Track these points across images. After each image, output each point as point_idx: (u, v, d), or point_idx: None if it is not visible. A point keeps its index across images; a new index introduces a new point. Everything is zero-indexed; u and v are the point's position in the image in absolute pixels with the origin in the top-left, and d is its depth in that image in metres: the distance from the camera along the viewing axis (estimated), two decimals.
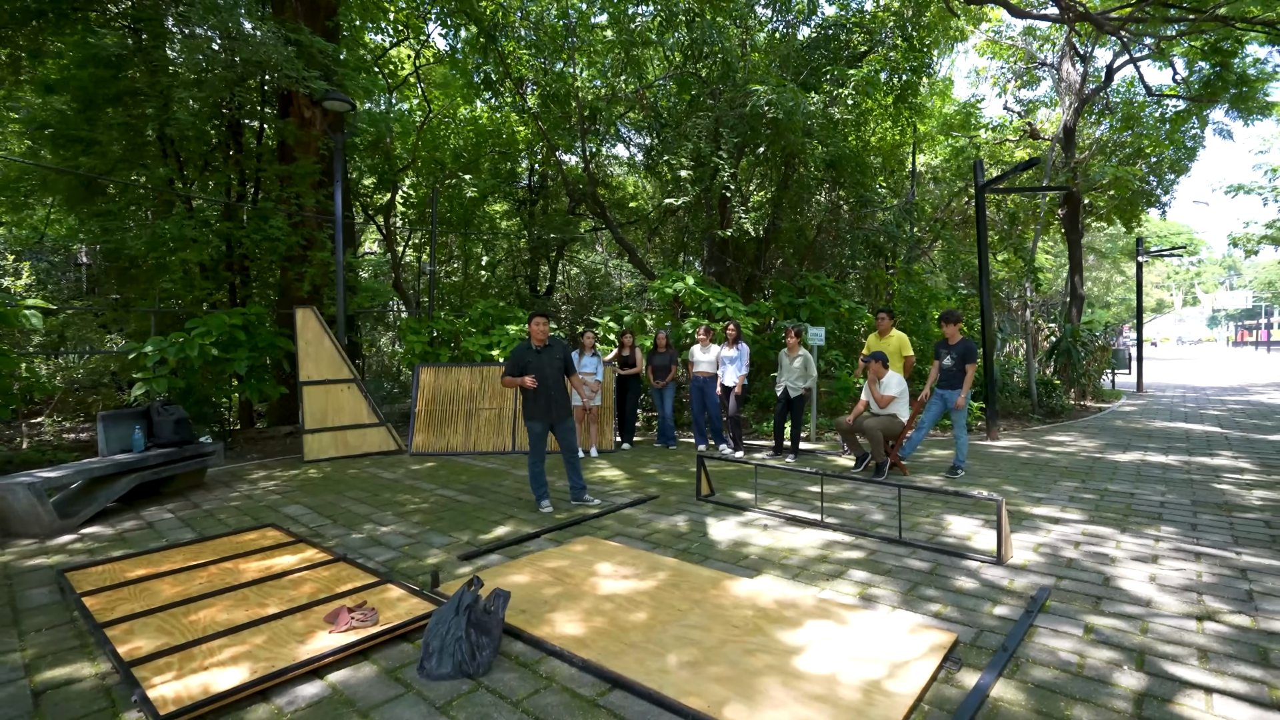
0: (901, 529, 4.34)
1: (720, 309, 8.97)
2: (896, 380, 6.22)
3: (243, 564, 3.92)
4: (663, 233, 15.44)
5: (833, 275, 12.41)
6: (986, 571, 3.69)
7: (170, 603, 3.32)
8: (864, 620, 2.96)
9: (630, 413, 8.45)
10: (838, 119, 10.33)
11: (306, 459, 7.72)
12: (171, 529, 5.00)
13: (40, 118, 8.92)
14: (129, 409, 6.50)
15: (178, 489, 6.34)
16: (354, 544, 4.50)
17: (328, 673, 2.69)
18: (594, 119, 12.13)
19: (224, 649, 2.79)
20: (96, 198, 9.03)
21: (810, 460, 7.17)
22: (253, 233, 8.99)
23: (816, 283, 10.33)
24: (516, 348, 5.31)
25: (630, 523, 4.87)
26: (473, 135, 14.06)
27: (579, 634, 2.88)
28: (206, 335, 8.19)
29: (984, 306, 8.37)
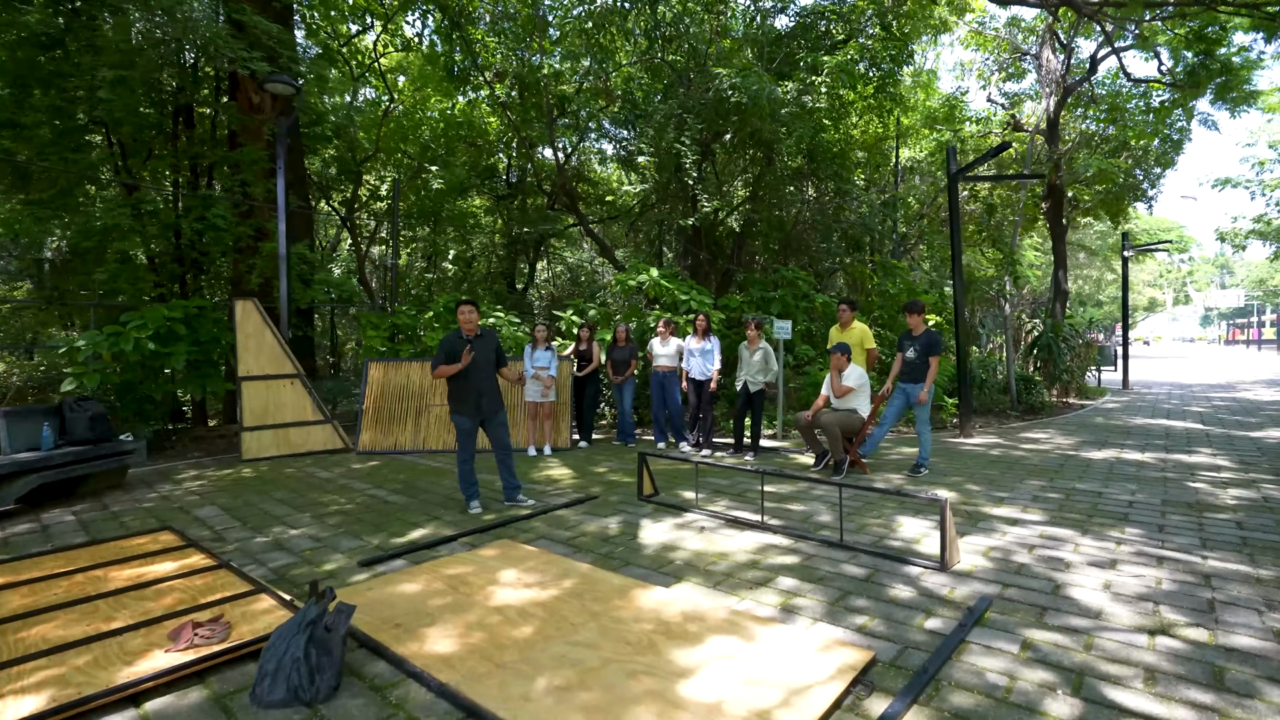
0: (843, 532, 4.01)
1: (685, 301, 8.63)
2: (857, 373, 5.89)
3: (114, 571, 3.55)
4: (640, 227, 15.10)
5: (811, 270, 12.10)
6: (928, 579, 3.35)
7: (7, 616, 2.95)
8: (774, 636, 2.62)
9: (588, 409, 8.10)
10: (812, 107, 9.99)
11: (245, 458, 7.35)
12: (65, 533, 4.63)
13: None
14: (37, 405, 6.12)
15: (93, 489, 5.96)
16: (254, 548, 4.14)
17: (147, 699, 2.33)
18: (563, 109, 11.79)
19: (35, 672, 2.43)
20: (30, 186, 8.63)
21: (770, 459, 6.84)
22: (194, 221, 8.59)
23: (789, 276, 10.00)
24: (446, 336, 4.96)
25: (560, 525, 4.52)
26: (442, 127, 13.69)
27: (449, 651, 2.54)
28: (143, 329, 7.80)
29: (957, 299, 8.05)
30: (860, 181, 12.92)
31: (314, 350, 11.42)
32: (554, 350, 7.53)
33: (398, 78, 14.66)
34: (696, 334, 7.25)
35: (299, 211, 10.24)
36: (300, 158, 10.72)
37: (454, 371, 4.80)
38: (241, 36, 8.25)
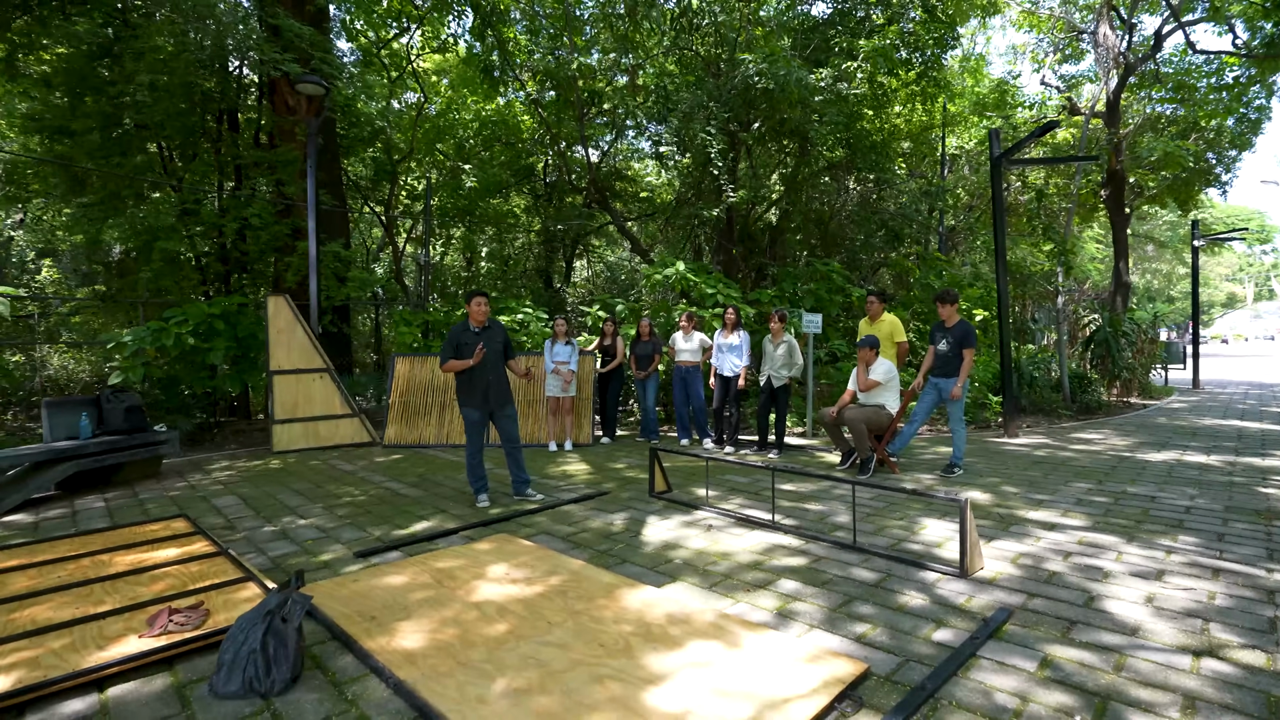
0: (857, 533, 3.74)
1: (711, 295, 8.40)
2: (885, 367, 5.56)
3: (119, 556, 3.61)
4: (674, 222, 14.90)
5: (849, 263, 11.67)
6: (944, 586, 3.07)
7: (5, 597, 3.01)
8: (760, 643, 2.42)
9: (612, 405, 7.97)
10: (847, 94, 9.59)
11: (275, 449, 7.52)
12: (92, 518, 4.78)
13: (37, 111, 9.03)
14: (77, 396, 6.39)
15: (128, 478, 6.17)
16: (260, 537, 4.17)
17: (111, 684, 2.31)
18: (594, 104, 11.70)
19: (11, 654, 2.44)
20: (85, 190, 9.08)
21: (795, 457, 6.56)
22: (231, 221, 8.87)
23: (823, 269, 9.64)
24: (453, 328, 4.91)
25: (564, 520, 4.40)
26: (476, 126, 13.82)
27: (416, 647, 2.43)
28: (184, 325, 8.10)
29: (1000, 291, 7.56)
30: (901, 171, 12.37)
31: (350, 346, 11.69)
32: (575, 345, 7.43)
33: (437, 78, 14.89)
34: (725, 328, 7.02)
35: (334, 211, 10.48)
36: (336, 158, 10.97)
37: (464, 367, 4.74)
38: (276, 41, 8.49)
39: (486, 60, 12.04)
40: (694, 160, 9.12)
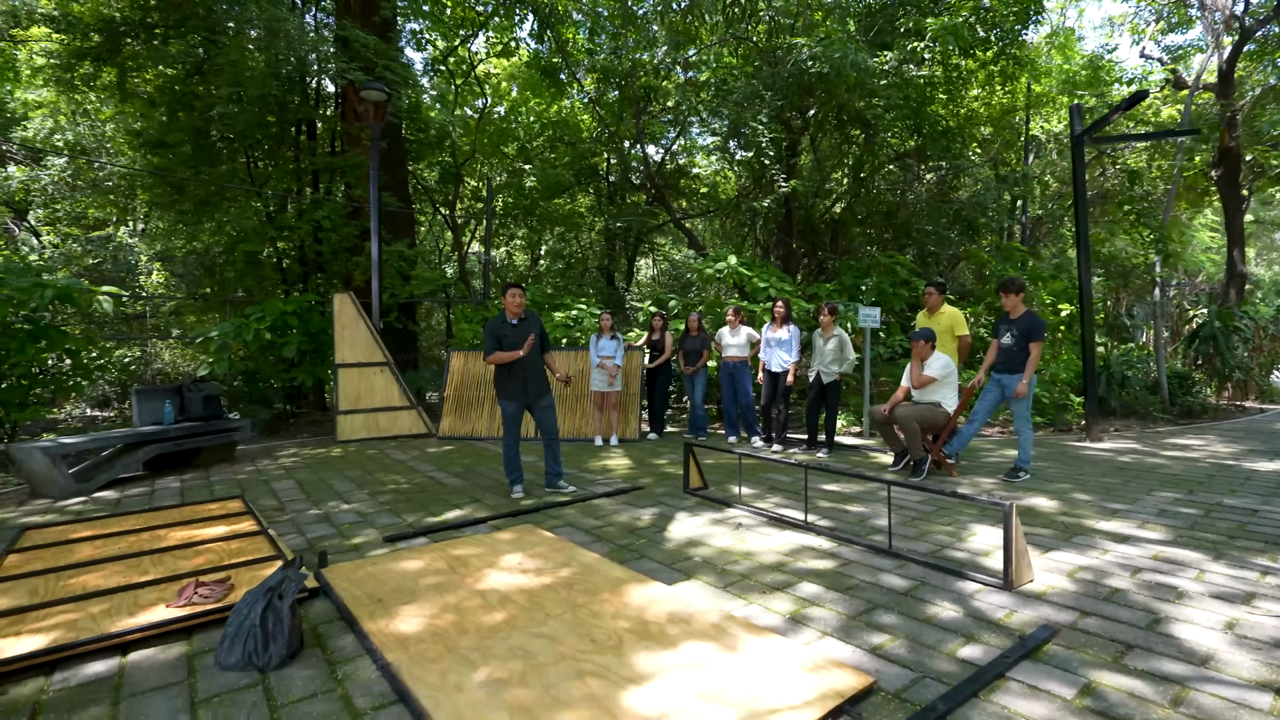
0: (893, 537, 3.48)
1: (763, 289, 8.14)
2: (941, 362, 5.18)
3: (174, 532, 3.86)
4: (735, 217, 14.62)
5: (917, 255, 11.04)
6: (984, 597, 2.79)
7: (68, 564, 3.27)
8: (762, 648, 2.26)
9: (660, 401, 7.87)
10: (914, 78, 9.06)
11: (339, 439, 7.91)
12: (165, 496, 5.16)
13: (143, 127, 9.91)
14: (163, 386, 6.92)
15: (206, 461, 6.65)
16: (304, 519, 4.36)
17: (135, 649, 2.44)
18: (651, 99, 11.65)
19: (55, 616, 2.64)
20: (182, 198, 9.88)
21: (846, 456, 6.23)
22: (304, 224, 9.39)
23: (888, 261, 9.15)
24: (490, 322, 4.96)
25: (593, 513, 4.35)
26: (538, 127, 14.07)
27: (412, 631, 2.44)
28: (262, 321, 8.67)
29: (1083, 282, 6.90)
30: (976, 157, 11.58)
31: (417, 342, 12.16)
32: (620, 339, 7.38)
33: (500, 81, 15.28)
34: (774, 322, 6.78)
35: (399, 212, 10.93)
36: (403, 162, 11.43)
37: (513, 358, 4.78)
38: (345, 51, 8.93)
39: (548, 62, 12.25)
40: (747, 149, 8.86)
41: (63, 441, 5.42)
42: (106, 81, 9.49)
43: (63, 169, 13.40)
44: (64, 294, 6.88)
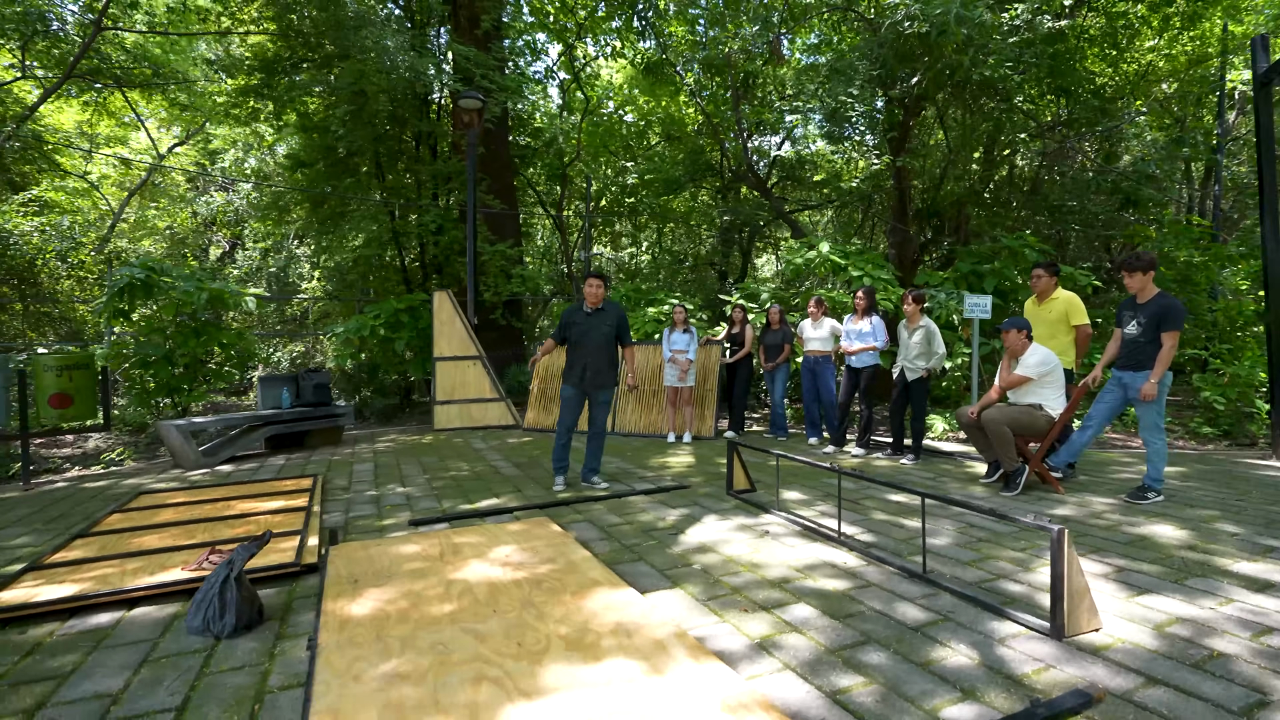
0: (927, 560, 2.93)
1: (858, 278, 7.43)
2: (1040, 357, 4.34)
3: (240, 504, 4.28)
4: (848, 204, 13.60)
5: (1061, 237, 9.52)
6: (1019, 644, 2.23)
7: (145, 524, 3.73)
8: (694, 675, 1.96)
9: (739, 397, 7.48)
10: (1051, 30, 7.76)
11: (435, 427, 8.43)
12: (266, 472, 5.78)
13: (288, 150, 11.32)
14: (283, 374, 7.78)
15: (315, 443, 7.38)
16: (359, 499, 4.64)
17: (140, 606, 2.69)
18: (749, 85, 11.16)
19: (96, 569, 2.99)
20: (319, 211, 11.13)
21: (935, 465, 5.46)
22: (416, 228, 10.14)
23: (1013, 243, 7.95)
24: (566, 310, 4.97)
25: (620, 510, 4.18)
26: (641, 125, 14.09)
27: (361, 614, 2.43)
28: (378, 318, 9.52)
29: (1268, 260, 5.47)
30: (1144, 119, 9.72)
31: (521, 338, 12.70)
32: (694, 333, 7.10)
33: (608, 81, 15.52)
34: (856, 313, 6.15)
35: (504, 214, 11.45)
36: (509, 166, 11.97)
37: (541, 354, 4.81)
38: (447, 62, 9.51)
39: (649, 59, 12.22)
40: (839, 127, 8.13)
41: (194, 421, 6.28)
42: (265, 114, 10.93)
43: (248, 193, 15.75)
44: (217, 296, 8.00)
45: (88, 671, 2.13)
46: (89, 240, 12.19)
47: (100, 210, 14.88)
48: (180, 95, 13.04)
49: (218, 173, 16.97)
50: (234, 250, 18.87)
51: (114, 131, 16.39)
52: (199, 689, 2.01)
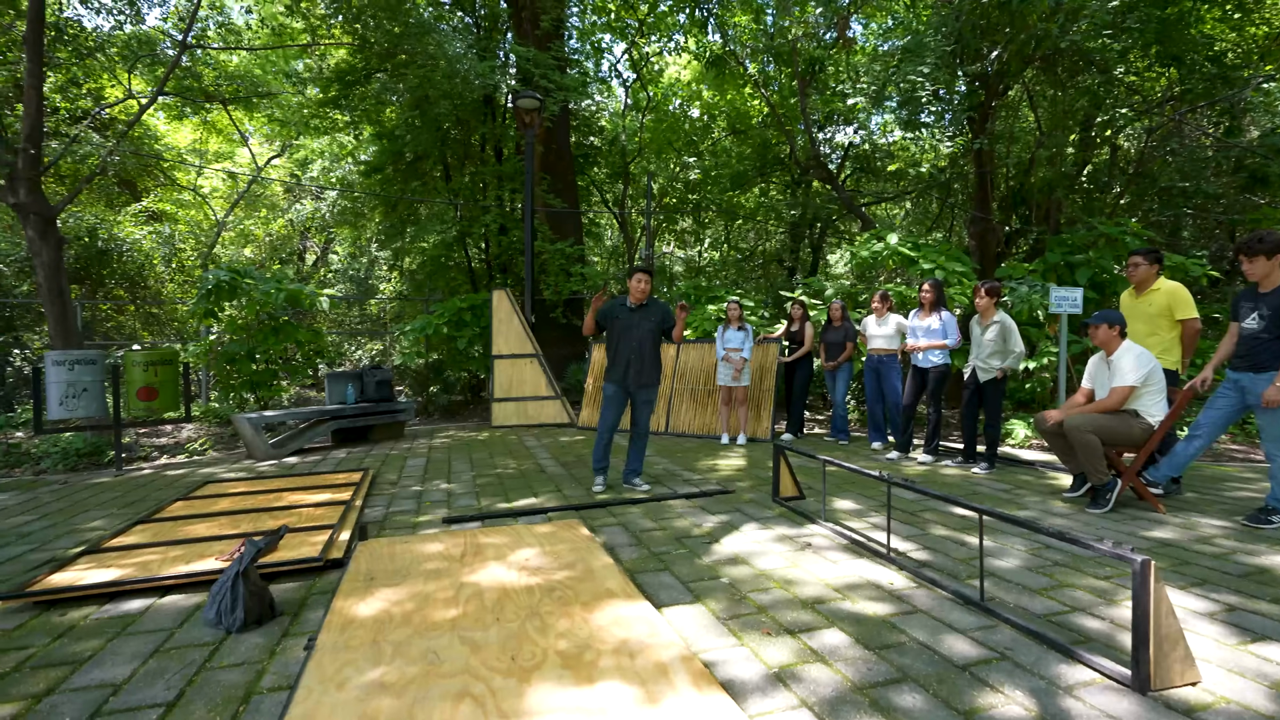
0: (983, 586, 2.57)
1: (928, 271, 6.89)
2: (1135, 358, 3.79)
3: (290, 495, 4.41)
4: (927, 193, 12.77)
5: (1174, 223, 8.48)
6: (1091, 696, 1.88)
7: (199, 513, 3.90)
8: (693, 706, 1.76)
9: (798, 398, 7.11)
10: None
11: (493, 424, 8.55)
12: (325, 465, 5.99)
13: (368, 156, 11.83)
14: (348, 370, 8.08)
15: (378, 437, 7.62)
16: (404, 494, 4.70)
17: (169, 593, 2.76)
18: (816, 72, 10.66)
19: (139, 555, 3.12)
20: (391, 214, 11.57)
21: (1010, 475, 4.93)
22: (478, 228, 10.34)
23: (1111, 230, 7.14)
24: (610, 302, 4.83)
25: (656, 515, 4.00)
26: (704, 120, 13.82)
27: (364, 615, 2.38)
28: (442, 317, 9.77)
29: None
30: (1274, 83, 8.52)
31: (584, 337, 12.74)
32: (749, 330, 6.80)
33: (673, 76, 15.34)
34: (923, 309, 5.69)
35: (565, 213, 11.50)
36: (571, 165, 12.01)
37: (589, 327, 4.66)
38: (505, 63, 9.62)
39: (714, 51, 11.95)
40: (912, 112, 7.57)
41: (265, 414, 6.61)
42: (342, 123, 11.48)
43: (333, 200, 16.66)
44: (293, 296, 8.44)
45: (102, 659, 2.18)
46: (190, 247, 13.23)
47: (210, 220, 16.18)
48: (275, 110, 13.97)
49: (307, 182, 18.08)
50: (326, 255, 20.10)
51: (222, 148, 17.81)
52: (195, 684, 2.01)
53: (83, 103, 10.10)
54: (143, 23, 9.70)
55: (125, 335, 12.08)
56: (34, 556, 3.37)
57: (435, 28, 8.69)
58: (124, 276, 11.43)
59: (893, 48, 9.69)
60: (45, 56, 7.70)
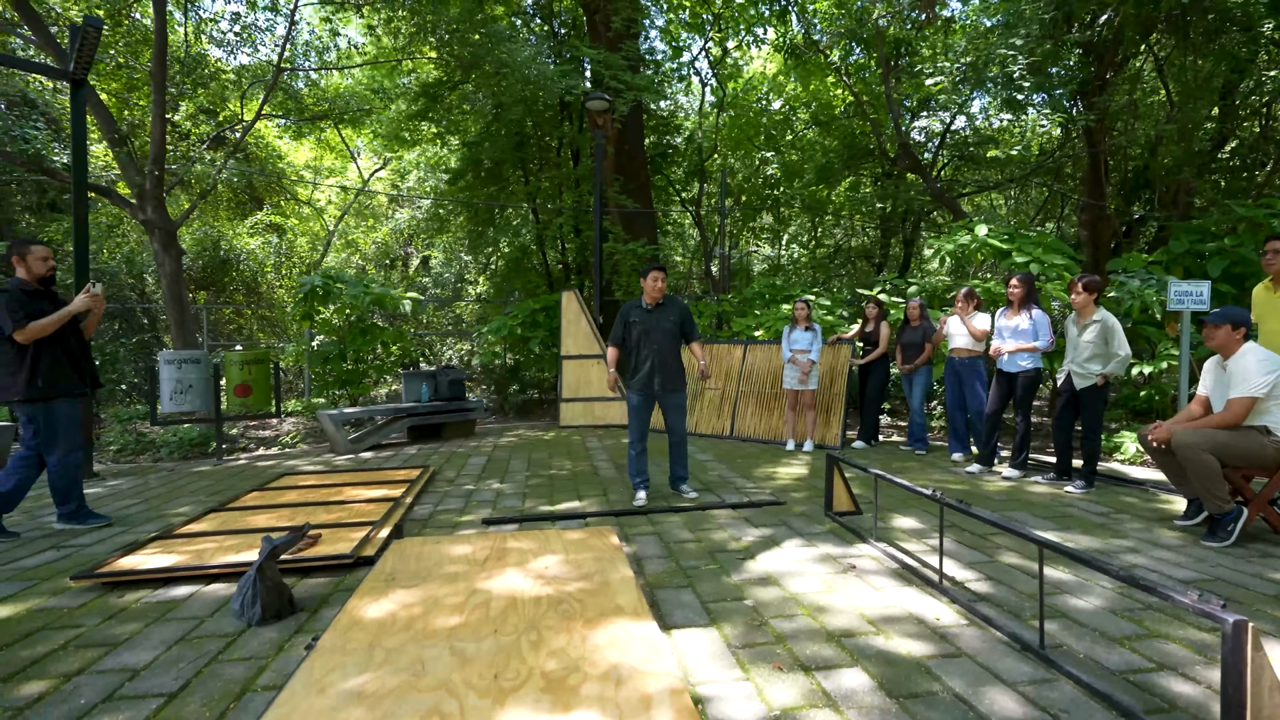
0: (1043, 631, 2.20)
1: (1022, 264, 6.20)
2: (1258, 363, 3.17)
3: (349, 490, 4.61)
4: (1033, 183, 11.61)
5: None
6: None
7: (264, 504, 4.15)
8: None
9: (872, 403, 6.64)
10: None
11: (561, 424, 8.64)
12: (395, 460, 6.26)
13: (449, 164, 12.36)
14: (423, 370, 8.42)
15: (451, 434, 7.89)
16: (456, 492, 4.80)
17: (215, 582, 2.93)
18: (901, 56, 9.97)
19: (205, 544, 3.33)
20: (474, 219, 12.02)
21: (1112, 495, 4.31)
22: (552, 231, 10.51)
23: (1254, 213, 6.12)
24: (625, 305, 4.71)
25: (696, 525, 3.82)
26: (783, 114, 13.33)
27: (372, 616, 2.39)
28: (515, 318, 10.03)
29: None
30: None
31: None
32: (817, 331, 6.43)
33: (754, 70, 14.93)
34: (1010, 307, 5.12)
35: (638, 213, 11.45)
36: (644, 164, 11.95)
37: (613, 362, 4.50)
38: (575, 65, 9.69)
39: (792, 39, 11.50)
40: (1010, 90, 6.84)
41: (344, 411, 7.01)
42: (429, 135, 12.06)
43: (426, 208, 17.60)
44: (379, 299, 8.93)
45: (135, 643, 2.32)
46: (297, 255, 14.38)
47: (324, 231, 17.60)
48: (378, 126, 14.96)
49: (405, 191, 19.22)
50: (427, 260, 21.29)
51: (335, 163, 19.32)
52: (201, 675, 2.08)
53: (204, 128, 11.23)
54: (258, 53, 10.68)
55: (244, 337, 13.34)
56: (121, 539, 3.70)
57: (507, 36, 8.89)
58: (242, 282, 12.62)
59: (992, 24, 8.88)
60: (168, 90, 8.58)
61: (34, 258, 3.77)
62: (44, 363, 3.70)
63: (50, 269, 3.84)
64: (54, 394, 3.74)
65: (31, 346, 3.66)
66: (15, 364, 3.65)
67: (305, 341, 10.26)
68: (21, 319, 3.60)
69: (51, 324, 3.67)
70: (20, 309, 3.62)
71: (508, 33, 9.31)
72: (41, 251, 3.80)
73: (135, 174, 7.75)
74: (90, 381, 3.99)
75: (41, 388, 3.69)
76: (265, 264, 12.63)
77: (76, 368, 3.86)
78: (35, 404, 3.72)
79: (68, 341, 3.82)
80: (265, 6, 10.35)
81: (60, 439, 3.79)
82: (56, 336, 3.74)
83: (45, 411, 3.74)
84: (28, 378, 3.66)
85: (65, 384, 3.79)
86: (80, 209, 5.44)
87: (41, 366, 3.69)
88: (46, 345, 3.71)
